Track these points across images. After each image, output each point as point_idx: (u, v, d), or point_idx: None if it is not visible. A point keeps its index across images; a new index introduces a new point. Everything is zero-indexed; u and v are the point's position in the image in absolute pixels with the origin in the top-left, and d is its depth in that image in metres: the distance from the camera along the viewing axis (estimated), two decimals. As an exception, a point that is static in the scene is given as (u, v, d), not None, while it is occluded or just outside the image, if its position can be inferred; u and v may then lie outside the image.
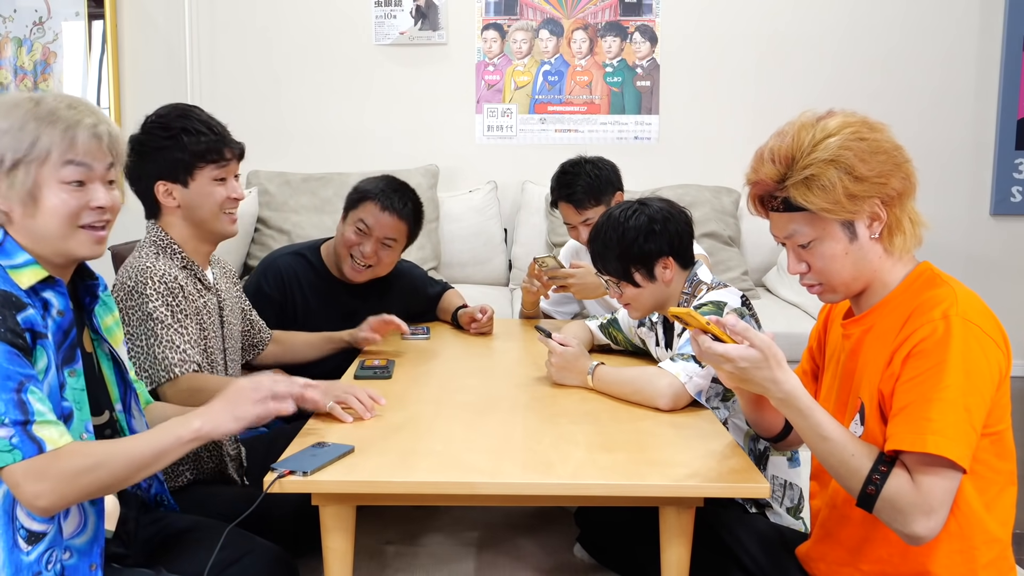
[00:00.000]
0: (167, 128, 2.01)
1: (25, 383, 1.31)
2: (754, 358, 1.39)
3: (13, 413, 1.29)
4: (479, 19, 4.27)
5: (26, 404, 1.30)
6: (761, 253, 4.11)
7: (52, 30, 4.20)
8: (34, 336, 1.36)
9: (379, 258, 2.58)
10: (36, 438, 1.30)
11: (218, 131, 2.05)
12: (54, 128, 1.40)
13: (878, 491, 1.35)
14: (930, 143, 4.22)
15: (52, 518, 1.37)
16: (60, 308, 1.43)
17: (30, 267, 1.41)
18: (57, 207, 1.41)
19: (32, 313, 1.35)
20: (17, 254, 1.41)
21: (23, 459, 1.28)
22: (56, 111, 1.40)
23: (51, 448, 1.30)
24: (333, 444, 1.61)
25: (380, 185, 2.60)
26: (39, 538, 1.36)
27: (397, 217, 2.56)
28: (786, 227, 1.49)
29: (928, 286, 1.45)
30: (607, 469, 1.55)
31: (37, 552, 1.35)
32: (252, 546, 1.62)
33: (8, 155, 1.38)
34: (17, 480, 1.29)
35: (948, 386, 1.33)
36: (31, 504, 1.31)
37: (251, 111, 4.21)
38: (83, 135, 1.41)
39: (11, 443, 1.28)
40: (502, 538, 2.45)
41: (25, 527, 1.35)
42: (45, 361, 1.37)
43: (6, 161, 1.39)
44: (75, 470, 1.31)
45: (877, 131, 1.45)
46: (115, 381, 1.60)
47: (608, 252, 2.08)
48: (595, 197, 2.72)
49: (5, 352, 1.30)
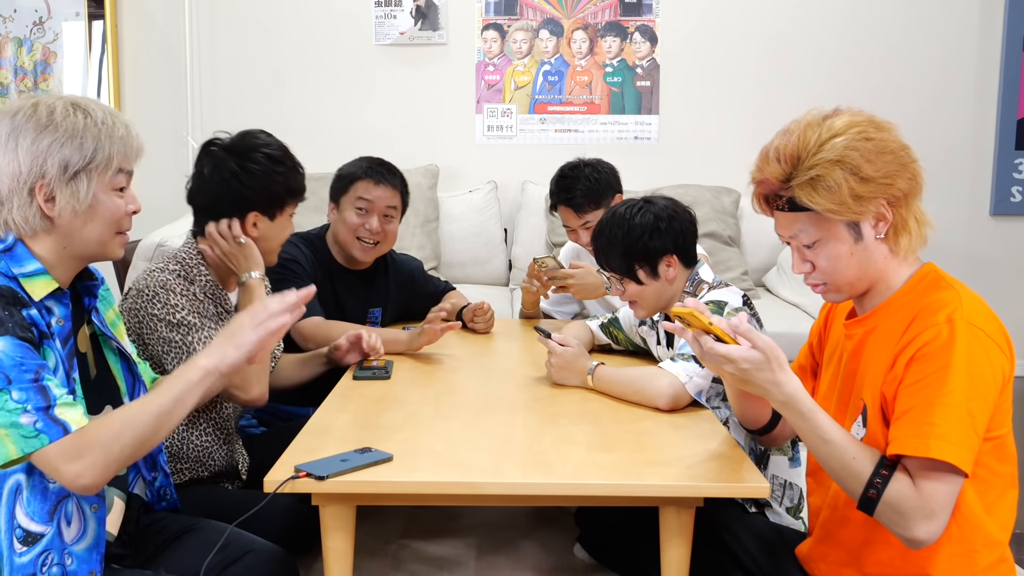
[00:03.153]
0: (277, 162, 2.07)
1: (41, 371, 1.32)
2: (756, 360, 1.39)
3: (35, 400, 1.30)
4: (479, 19, 4.27)
5: (47, 390, 1.31)
6: (761, 253, 4.11)
7: (52, 30, 4.20)
8: (40, 334, 1.36)
9: (385, 232, 2.62)
10: (60, 420, 1.31)
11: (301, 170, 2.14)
12: (112, 137, 1.43)
13: (879, 495, 1.35)
14: (930, 143, 4.21)
15: (52, 519, 1.37)
16: (60, 316, 1.43)
17: (41, 277, 1.41)
18: (112, 213, 1.46)
19: (35, 312, 1.37)
20: (28, 262, 1.40)
21: (50, 442, 1.30)
22: (106, 120, 1.43)
23: (76, 428, 1.32)
24: (374, 451, 1.59)
25: (363, 164, 2.65)
26: (36, 539, 1.36)
27: (391, 188, 2.63)
28: (791, 227, 1.49)
29: (933, 289, 1.44)
30: (607, 469, 1.55)
31: (32, 554, 1.35)
32: (252, 546, 1.62)
33: (71, 164, 1.40)
34: (54, 464, 1.31)
35: (951, 390, 1.33)
36: (73, 484, 1.32)
37: (251, 111, 4.21)
38: (134, 144, 1.47)
39: (36, 428, 1.29)
40: (502, 538, 2.45)
41: (23, 527, 1.35)
42: (54, 361, 1.38)
43: (69, 169, 1.40)
44: (107, 440, 1.33)
45: (884, 130, 1.44)
46: (123, 375, 1.61)
47: (612, 248, 2.08)
48: (594, 201, 2.72)
49: (17, 345, 1.31)
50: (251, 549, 1.61)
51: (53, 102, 1.42)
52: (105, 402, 1.55)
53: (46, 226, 1.41)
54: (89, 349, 1.56)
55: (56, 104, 1.41)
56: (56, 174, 1.39)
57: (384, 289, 2.76)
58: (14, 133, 1.39)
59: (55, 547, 1.38)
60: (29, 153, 1.38)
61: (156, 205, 4.13)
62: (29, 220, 1.40)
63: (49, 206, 1.40)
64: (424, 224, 4.02)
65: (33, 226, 1.40)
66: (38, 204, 1.39)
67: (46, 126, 1.39)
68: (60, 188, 1.40)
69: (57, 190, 1.40)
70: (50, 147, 1.38)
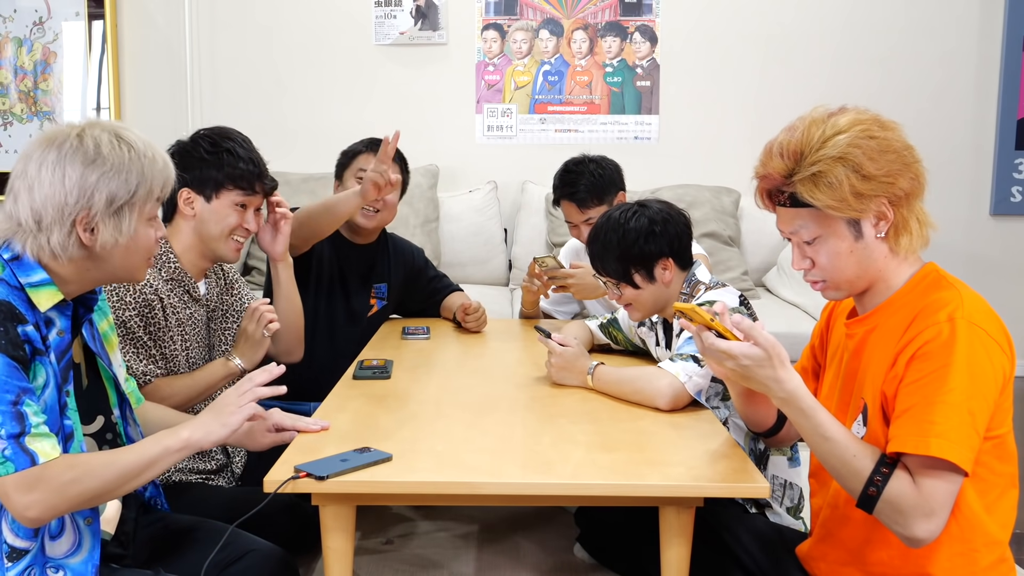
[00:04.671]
0: (214, 144, 2.09)
1: (22, 395, 1.30)
2: (757, 356, 1.39)
3: (9, 425, 1.28)
4: (479, 19, 4.27)
5: (24, 416, 1.29)
6: (761, 253, 4.11)
7: (52, 30, 4.20)
8: (33, 351, 1.35)
9: (385, 202, 2.67)
10: (29, 450, 1.29)
11: (257, 164, 2.12)
12: (154, 169, 1.45)
13: (879, 492, 1.35)
14: (930, 143, 4.17)
15: (36, 535, 1.37)
16: (61, 328, 1.43)
17: (47, 288, 1.40)
18: (148, 243, 1.49)
19: (31, 328, 1.35)
20: (34, 272, 1.40)
21: (15, 471, 1.28)
22: (146, 152, 1.45)
23: (44, 460, 1.30)
24: (373, 451, 1.59)
25: (365, 141, 2.76)
26: (21, 555, 1.36)
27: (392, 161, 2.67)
28: (792, 222, 1.49)
29: (934, 288, 1.44)
30: (607, 469, 1.55)
31: (16, 570, 1.35)
32: (252, 546, 1.62)
33: (117, 198, 1.41)
34: (7, 491, 1.29)
35: (952, 389, 1.33)
36: (21, 515, 1.31)
37: (251, 111, 4.21)
38: (171, 174, 1.50)
39: (4, 455, 1.28)
40: (502, 538, 2.45)
41: (8, 544, 1.35)
42: (44, 378, 1.37)
43: (114, 204, 1.41)
44: (64, 481, 1.31)
45: (888, 129, 1.44)
46: (112, 388, 1.60)
47: (608, 253, 2.08)
48: (598, 196, 2.71)
49: (5, 364, 1.29)
50: (251, 549, 1.61)
51: (99, 134, 1.42)
52: (97, 412, 1.55)
53: (82, 254, 1.42)
54: (83, 360, 1.56)
55: (102, 136, 1.42)
56: (102, 208, 1.40)
57: (386, 265, 2.82)
58: (60, 163, 1.39)
59: (37, 562, 1.38)
60: (77, 186, 1.38)
61: (156, 205, 4.16)
62: (67, 248, 1.40)
63: (88, 236, 1.40)
64: (424, 224, 4.02)
65: (70, 254, 1.41)
66: (77, 234, 1.40)
67: (94, 160, 1.39)
68: (104, 221, 1.40)
69: (100, 223, 1.40)
70: (98, 182, 1.39)
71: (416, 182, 4.08)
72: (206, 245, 2.09)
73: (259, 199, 2.14)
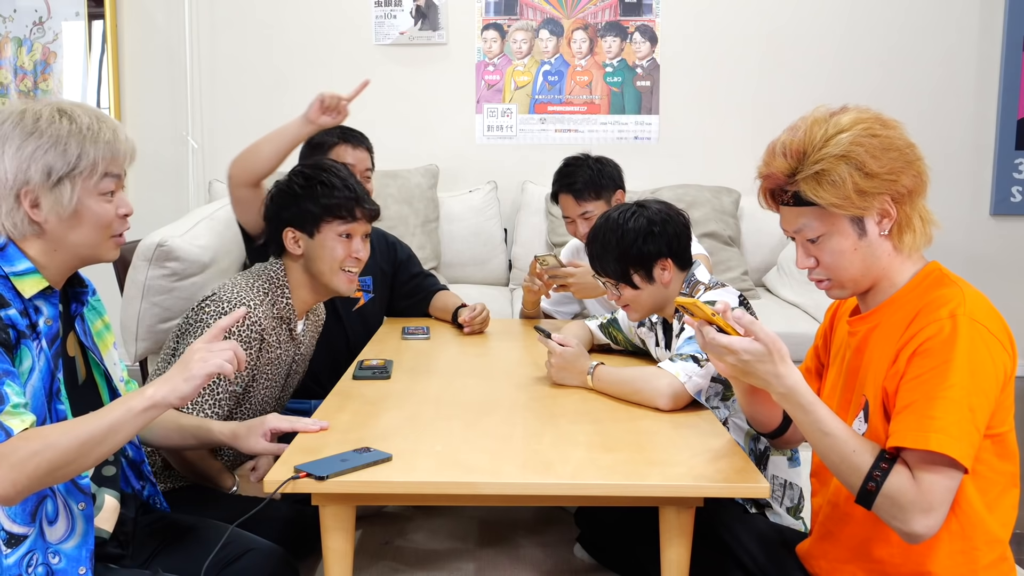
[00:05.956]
0: (307, 179, 2.08)
1: (3, 376, 1.30)
2: (758, 351, 1.39)
3: None
4: (479, 19, 4.27)
5: (3, 396, 1.29)
6: (761, 253, 4.11)
7: (52, 30, 4.20)
8: (18, 335, 1.36)
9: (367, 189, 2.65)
10: (3, 425, 1.28)
11: (353, 190, 2.10)
12: (97, 142, 1.43)
13: (878, 488, 1.35)
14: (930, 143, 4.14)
15: (33, 520, 1.37)
16: (49, 316, 1.43)
17: (32, 276, 1.42)
18: (100, 218, 1.46)
19: (14, 312, 1.36)
20: (18, 261, 1.41)
21: None
22: (91, 125, 1.43)
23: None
24: (372, 451, 1.59)
25: (336, 131, 2.68)
26: (19, 541, 1.36)
27: (365, 150, 2.72)
28: (795, 221, 1.50)
29: (936, 285, 1.45)
30: (607, 469, 1.55)
31: (16, 556, 1.35)
32: (252, 545, 1.62)
33: (54, 170, 1.40)
34: None
35: (953, 385, 1.33)
36: None
37: (251, 111, 4.21)
38: (122, 148, 1.46)
39: None
40: (502, 538, 2.45)
41: (6, 529, 1.35)
42: (29, 362, 1.37)
43: (52, 176, 1.40)
44: (22, 456, 1.26)
45: (890, 128, 1.45)
46: (104, 385, 1.60)
47: (607, 254, 2.08)
48: (595, 190, 2.72)
49: None
50: (251, 548, 1.61)
51: (40, 108, 1.43)
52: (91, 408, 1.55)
53: (35, 231, 1.42)
54: (79, 354, 1.56)
55: (43, 111, 1.42)
56: (39, 180, 1.40)
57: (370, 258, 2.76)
58: (1, 140, 1.40)
59: (39, 547, 1.38)
60: (14, 160, 1.39)
61: (156, 205, 4.15)
62: (18, 225, 1.41)
63: (35, 212, 1.41)
64: (424, 224, 4.02)
65: (22, 231, 1.42)
66: (24, 210, 1.40)
67: (31, 133, 1.40)
68: (44, 194, 1.41)
69: (41, 196, 1.41)
70: (34, 154, 1.39)
71: (416, 182, 4.09)
72: (318, 281, 2.09)
73: (363, 225, 2.11)
